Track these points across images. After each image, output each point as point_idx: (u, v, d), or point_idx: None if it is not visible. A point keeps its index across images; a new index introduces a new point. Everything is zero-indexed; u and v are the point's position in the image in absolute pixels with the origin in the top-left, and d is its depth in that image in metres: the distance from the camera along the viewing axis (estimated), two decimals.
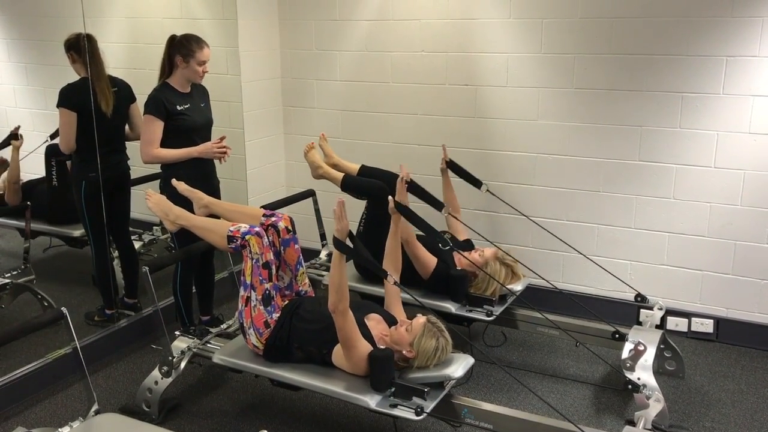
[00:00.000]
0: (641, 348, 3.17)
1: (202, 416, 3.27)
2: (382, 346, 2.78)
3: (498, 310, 3.45)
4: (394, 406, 2.63)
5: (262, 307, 2.90)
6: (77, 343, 2.66)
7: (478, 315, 3.42)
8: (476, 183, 3.85)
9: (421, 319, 2.80)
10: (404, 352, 2.75)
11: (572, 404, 3.34)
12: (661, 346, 3.46)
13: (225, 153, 3.62)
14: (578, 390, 3.47)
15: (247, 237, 2.88)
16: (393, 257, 3.17)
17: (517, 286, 3.57)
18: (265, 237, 2.94)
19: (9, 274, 3.98)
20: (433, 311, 3.34)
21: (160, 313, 3.13)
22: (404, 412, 2.61)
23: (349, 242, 2.71)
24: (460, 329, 3.49)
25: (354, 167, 3.89)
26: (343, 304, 2.64)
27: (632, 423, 3.02)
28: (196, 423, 3.22)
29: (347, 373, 2.79)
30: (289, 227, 3.10)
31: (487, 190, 3.84)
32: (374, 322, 2.91)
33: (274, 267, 2.96)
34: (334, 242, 2.67)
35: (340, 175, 3.76)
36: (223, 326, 3.51)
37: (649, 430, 2.90)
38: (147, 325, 4.00)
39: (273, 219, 3.10)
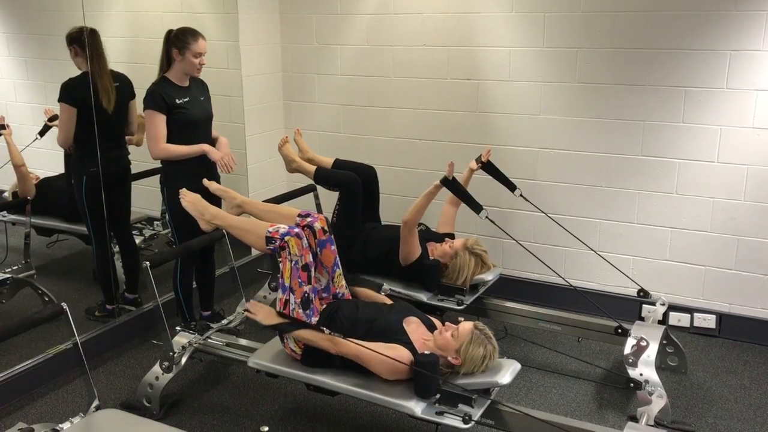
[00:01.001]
0: (644, 344, 3.15)
1: (203, 412, 3.27)
2: (425, 351, 2.69)
3: (469, 299, 3.47)
4: (441, 413, 2.55)
5: (301, 311, 2.80)
6: (78, 338, 2.65)
7: (449, 304, 3.44)
8: (511, 187, 3.82)
9: (468, 324, 2.72)
10: (449, 358, 2.68)
11: (574, 400, 3.33)
12: (664, 342, 3.45)
13: (229, 165, 3.58)
14: (580, 386, 3.46)
15: (286, 238, 2.75)
16: (418, 210, 3.40)
17: (488, 276, 3.57)
18: (304, 238, 2.82)
19: (10, 270, 3.97)
20: (405, 300, 3.34)
21: (160, 308, 3.11)
22: (452, 420, 2.52)
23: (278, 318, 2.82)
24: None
25: (328, 161, 3.92)
26: (328, 342, 2.68)
27: (635, 419, 3.01)
28: (197, 418, 3.22)
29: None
30: (326, 228, 2.97)
31: (521, 195, 3.80)
32: (414, 325, 2.84)
33: (312, 269, 2.86)
34: (273, 327, 2.81)
35: (313, 168, 3.80)
36: (224, 321, 3.50)
37: (652, 426, 2.89)
38: (148, 321, 3.99)
39: (309, 219, 2.97)
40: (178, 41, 3.47)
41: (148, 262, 3.06)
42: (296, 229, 2.81)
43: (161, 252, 4.24)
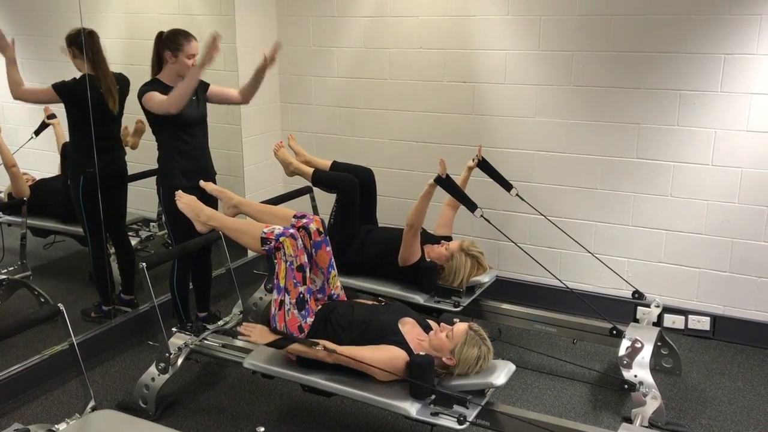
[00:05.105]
0: (638, 345, 3.16)
1: (199, 413, 3.27)
2: (420, 352, 2.70)
3: (465, 301, 3.49)
4: (436, 414, 2.56)
5: (296, 312, 2.81)
6: (74, 339, 2.65)
7: (445, 306, 3.46)
8: (507, 186, 3.84)
9: (462, 326, 2.73)
10: (444, 359, 2.69)
11: (569, 401, 3.34)
12: (658, 344, 3.46)
13: (214, 50, 3.33)
14: (575, 387, 3.47)
15: (281, 239, 2.76)
16: (419, 212, 3.39)
17: (484, 278, 3.59)
18: (299, 239, 2.83)
19: (5, 270, 3.97)
20: (402, 301, 3.35)
21: (157, 309, 3.11)
22: (447, 421, 2.53)
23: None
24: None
25: (326, 163, 3.94)
26: (324, 354, 2.66)
27: (629, 420, 3.02)
28: (192, 419, 3.22)
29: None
30: (321, 229, 3.00)
31: (517, 194, 3.83)
32: (409, 326, 2.84)
33: (307, 270, 2.86)
34: (269, 345, 2.79)
35: (310, 171, 3.82)
36: (221, 323, 3.50)
37: (646, 427, 2.90)
38: (144, 322, 3.99)
39: (304, 221, 3.00)
40: (171, 43, 3.46)
41: (144, 263, 3.07)
42: (291, 230, 2.82)
43: (158, 253, 4.24)
